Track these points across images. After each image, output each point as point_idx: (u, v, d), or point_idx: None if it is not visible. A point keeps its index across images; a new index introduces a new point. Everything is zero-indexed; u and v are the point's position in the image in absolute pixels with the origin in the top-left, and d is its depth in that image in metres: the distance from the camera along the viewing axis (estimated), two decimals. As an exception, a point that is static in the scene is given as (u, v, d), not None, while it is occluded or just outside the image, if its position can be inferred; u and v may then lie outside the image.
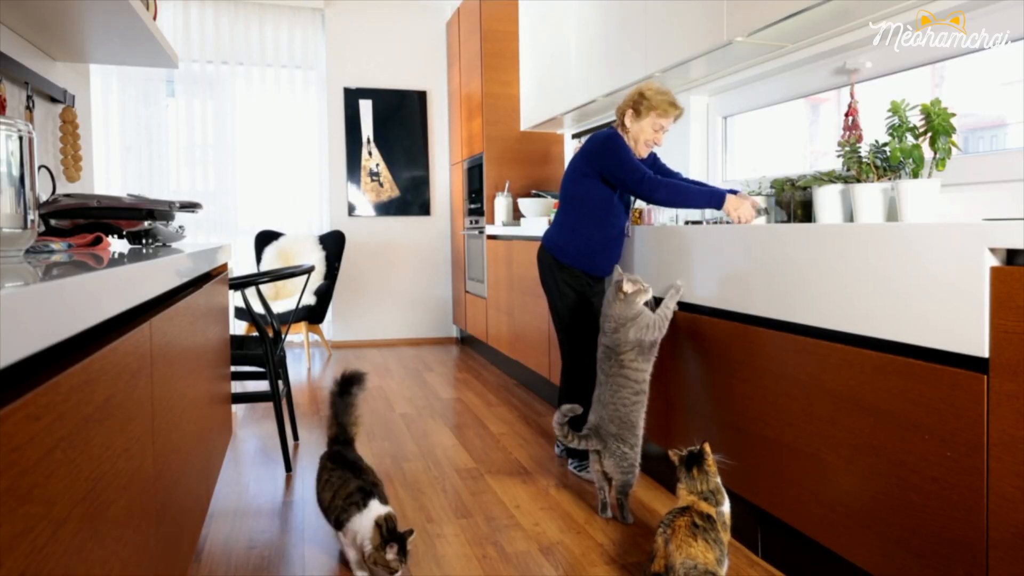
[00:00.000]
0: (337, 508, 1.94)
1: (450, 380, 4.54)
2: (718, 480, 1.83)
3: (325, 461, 2.09)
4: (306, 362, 5.12)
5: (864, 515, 1.61)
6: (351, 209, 5.80)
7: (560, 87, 4.04)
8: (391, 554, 1.80)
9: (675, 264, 2.37)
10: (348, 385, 2.19)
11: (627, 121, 2.68)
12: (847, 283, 1.65)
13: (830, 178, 2.14)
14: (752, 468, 1.99)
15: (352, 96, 5.74)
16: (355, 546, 1.88)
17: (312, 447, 3.12)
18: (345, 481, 1.97)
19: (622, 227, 2.73)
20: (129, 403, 0.99)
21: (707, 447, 1.86)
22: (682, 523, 1.67)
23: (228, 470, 2.80)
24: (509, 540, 2.18)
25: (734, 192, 2.48)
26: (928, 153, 1.85)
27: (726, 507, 1.81)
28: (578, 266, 2.73)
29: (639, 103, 2.63)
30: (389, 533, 1.83)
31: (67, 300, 0.72)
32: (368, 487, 1.95)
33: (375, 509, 1.88)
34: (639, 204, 3.77)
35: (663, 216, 3.49)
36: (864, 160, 1.99)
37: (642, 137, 2.65)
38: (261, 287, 3.15)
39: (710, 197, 2.47)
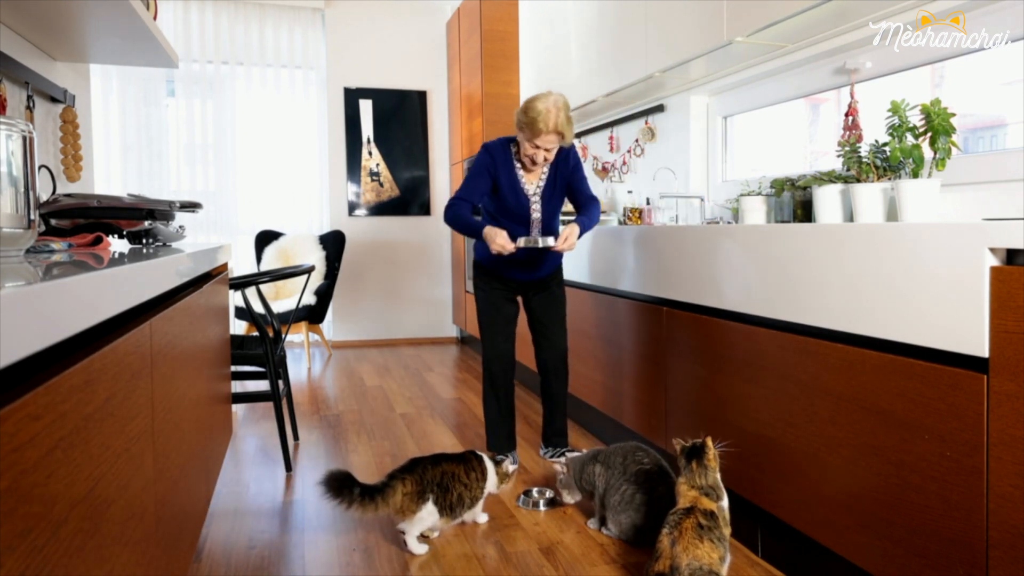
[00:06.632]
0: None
1: (450, 380, 4.54)
2: (717, 476, 1.83)
3: (438, 471, 2.14)
4: (306, 362, 5.12)
5: (864, 515, 1.61)
6: (351, 209, 5.80)
7: (560, 87, 4.02)
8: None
9: (675, 264, 2.37)
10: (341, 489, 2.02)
11: (516, 132, 2.67)
12: (847, 283, 1.65)
13: (830, 178, 2.14)
14: (752, 468, 1.99)
15: (352, 96, 5.74)
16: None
17: (312, 447, 3.12)
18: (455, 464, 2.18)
19: (516, 233, 2.66)
20: (129, 403, 0.99)
21: (709, 441, 1.86)
22: (688, 524, 1.67)
23: (228, 470, 2.80)
24: (509, 540, 2.18)
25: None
26: (928, 153, 1.85)
27: (725, 502, 1.81)
28: (488, 265, 2.77)
29: (517, 118, 2.61)
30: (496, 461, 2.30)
31: (67, 300, 0.72)
32: (459, 459, 2.22)
33: (486, 463, 2.26)
34: (639, 204, 3.77)
35: (663, 216, 3.49)
36: (864, 160, 1.99)
37: (525, 152, 2.63)
38: (261, 287, 3.15)
39: (472, 229, 2.62)
